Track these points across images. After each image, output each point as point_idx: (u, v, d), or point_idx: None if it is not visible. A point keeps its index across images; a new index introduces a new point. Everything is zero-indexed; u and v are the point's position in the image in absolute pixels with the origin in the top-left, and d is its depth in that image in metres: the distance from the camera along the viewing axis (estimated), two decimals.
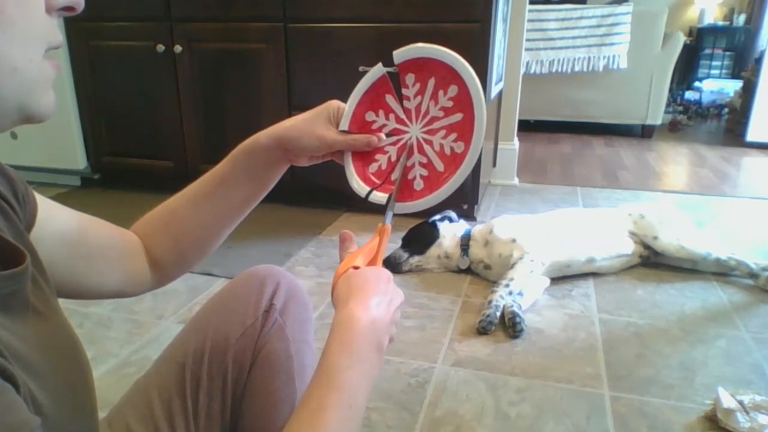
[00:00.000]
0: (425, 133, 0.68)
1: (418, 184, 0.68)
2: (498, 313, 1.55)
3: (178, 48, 2.41)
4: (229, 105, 2.45)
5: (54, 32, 0.42)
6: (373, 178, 0.69)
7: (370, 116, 0.70)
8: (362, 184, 0.69)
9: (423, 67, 0.67)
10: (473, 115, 0.64)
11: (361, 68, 0.71)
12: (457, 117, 0.65)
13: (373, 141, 0.68)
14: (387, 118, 0.70)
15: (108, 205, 2.56)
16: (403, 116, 0.69)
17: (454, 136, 0.66)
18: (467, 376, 1.33)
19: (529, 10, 2.82)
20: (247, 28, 2.32)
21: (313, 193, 2.46)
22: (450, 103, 0.66)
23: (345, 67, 2.23)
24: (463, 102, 0.65)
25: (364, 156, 0.70)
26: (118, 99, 2.62)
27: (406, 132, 0.69)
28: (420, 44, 0.67)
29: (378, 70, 0.70)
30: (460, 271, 1.89)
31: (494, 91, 2.37)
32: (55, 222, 0.59)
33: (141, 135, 2.64)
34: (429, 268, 1.89)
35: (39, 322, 0.44)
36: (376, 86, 0.71)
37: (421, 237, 1.91)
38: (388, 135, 0.69)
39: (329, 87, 2.28)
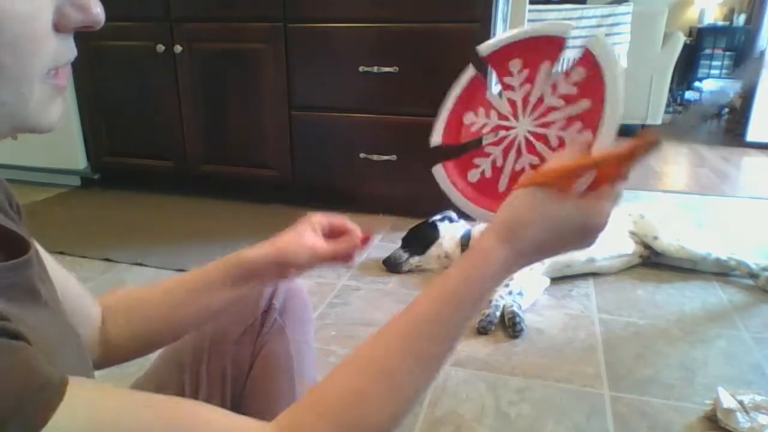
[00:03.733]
0: (538, 126, 0.55)
1: None
2: (498, 313, 1.54)
3: (178, 48, 2.41)
4: (229, 105, 2.45)
5: (62, 51, 0.39)
6: (490, 200, 0.57)
7: (469, 118, 0.60)
8: (488, 213, 0.56)
9: (534, 50, 0.56)
10: (605, 100, 0.50)
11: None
12: (584, 104, 0.53)
13: (352, 244, 0.69)
14: (487, 116, 0.59)
15: (108, 205, 2.56)
16: (506, 110, 0.57)
17: (578, 125, 0.53)
18: (467, 376, 1.33)
19: (529, 10, 2.82)
20: (247, 28, 2.32)
21: (313, 193, 2.46)
22: (575, 90, 0.53)
23: (345, 67, 2.23)
24: (594, 87, 0.52)
25: (460, 164, 0.60)
26: (118, 99, 2.62)
27: (511, 128, 0.57)
28: (518, 29, 0.57)
29: (468, 73, 0.61)
30: None
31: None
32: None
33: (141, 135, 2.64)
34: (429, 268, 1.89)
35: (42, 313, 0.44)
36: (472, 87, 0.61)
37: (421, 237, 1.91)
38: (490, 133, 0.58)
39: (329, 87, 2.28)
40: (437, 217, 1.97)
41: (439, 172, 0.60)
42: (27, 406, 0.31)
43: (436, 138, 0.60)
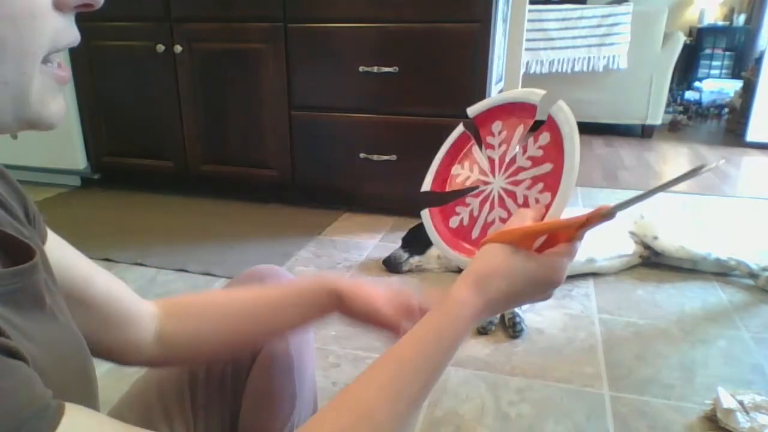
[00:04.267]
0: (508, 184, 0.61)
1: None
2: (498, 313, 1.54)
3: (178, 48, 2.41)
4: (229, 105, 2.45)
5: (62, 32, 0.39)
6: (465, 245, 0.64)
7: (456, 170, 0.68)
8: (464, 258, 0.63)
9: (512, 114, 0.63)
10: (562, 166, 0.56)
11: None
12: (546, 168, 0.58)
13: (399, 330, 0.65)
14: (471, 170, 0.66)
15: (108, 205, 2.56)
16: (486, 167, 0.64)
17: (540, 186, 0.58)
18: (467, 376, 1.33)
19: (529, 10, 2.82)
20: (247, 28, 2.32)
21: (313, 193, 2.46)
22: (540, 153, 0.59)
23: (345, 67, 2.23)
24: (555, 152, 0.57)
25: (444, 211, 0.67)
26: (118, 99, 2.62)
27: (488, 183, 0.63)
28: (500, 95, 0.64)
29: (458, 130, 0.68)
30: (460, 271, 1.88)
31: (494, 91, 2.37)
32: (63, 260, 0.55)
33: (141, 135, 2.64)
34: (429, 268, 1.89)
35: (46, 320, 0.44)
36: (460, 141, 0.68)
37: (421, 237, 1.91)
38: (470, 187, 0.65)
39: (329, 87, 2.28)
40: None
41: (425, 215, 0.67)
42: (24, 429, 0.31)
43: (426, 185, 0.68)
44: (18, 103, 0.38)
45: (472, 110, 0.66)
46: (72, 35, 0.40)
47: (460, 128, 0.68)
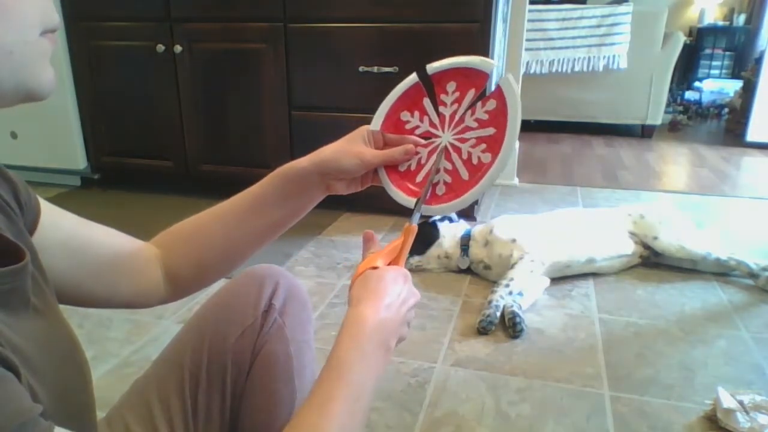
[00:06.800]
0: (456, 140, 0.69)
1: (440, 189, 0.69)
2: (498, 313, 1.54)
3: (178, 48, 2.41)
4: (229, 105, 2.45)
5: (50, 14, 0.43)
6: (410, 185, 0.70)
7: (405, 116, 0.73)
8: (405, 196, 0.70)
9: (466, 77, 0.69)
10: (505, 132, 0.65)
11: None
12: (490, 131, 0.66)
13: (409, 149, 0.69)
14: (421, 120, 0.71)
15: (108, 205, 2.56)
16: (436, 121, 0.70)
17: (483, 146, 0.67)
18: (467, 376, 1.33)
19: (529, 10, 2.82)
20: (247, 28, 2.32)
21: None
22: (486, 116, 0.67)
23: (345, 67, 2.23)
24: (499, 118, 0.66)
25: None
26: (118, 99, 2.62)
27: (437, 136, 0.70)
28: (458, 57, 0.70)
29: (412, 78, 0.72)
30: (460, 271, 1.89)
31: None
32: (60, 230, 0.58)
33: (141, 135, 2.64)
34: (429, 268, 1.89)
35: (38, 320, 0.44)
36: (413, 91, 0.72)
37: (421, 237, 1.89)
38: (419, 137, 0.71)
39: (329, 87, 2.28)
40: (437, 216, 1.97)
41: (382, 172, 0.72)
42: None
43: (376, 124, 0.73)
44: (19, 72, 0.40)
45: (431, 68, 0.71)
46: (56, 18, 0.44)
47: (413, 77, 0.72)
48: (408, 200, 0.69)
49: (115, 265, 0.64)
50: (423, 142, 0.70)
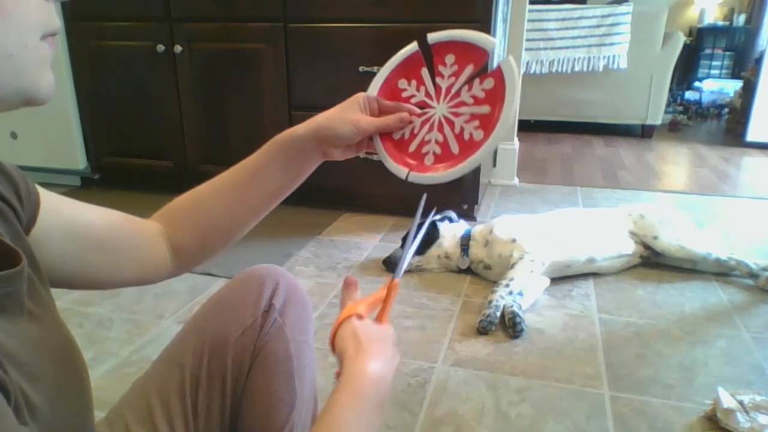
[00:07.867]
0: (450, 113, 0.69)
1: (429, 159, 0.69)
2: (498, 313, 1.54)
3: (178, 48, 2.41)
4: (229, 105, 2.45)
5: (50, 18, 0.42)
6: (404, 157, 0.70)
7: (402, 84, 0.73)
8: (398, 165, 0.69)
9: (466, 52, 0.69)
10: (501, 112, 0.65)
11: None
12: (485, 109, 0.66)
13: (404, 117, 0.69)
14: (417, 90, 0.71)
15: (108, 205, 2.54)
16: (432, 91, 0.70)
17: (476, 123, 0.67)
18: (467, 376, 1.33)
19: (529, 10, 2.82)
20: (247, 28, 2.32)
21: (313, 193, 2.46)
22: (482, 94, 0.67)
23: (345, 67, 2.23)
24: (496, 97, 0.66)
25: None
26: (118, 99, 2.62)
27: (432, 107, 0.70)
28: (460, 30, 0.69)
29: (412, 47, 0.72)
30: (460, 271, 1.89)
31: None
32: (62, 216, 0.58)
33: (141, 135, 2.64)
34: (429, 268, 1.89)
35: (34, 324, 0.44)
36: (412, 59, 0.72)
37: (421, 237, 1.91)
38: (414, 104, 0.71)
39: (329, 87, 2.28)
40: (437, 217, 1.97)
41: (377, 140, 0.72)
42: None
43: (373, 90, 0.73)
44: (18, 76, 0.40)
45: (432, 37, 0.71)
46: (57, 22, 0.43)
47: (414, 45, 0.72)
48: (400, 170, 0.69)
49: (121, 246, 0.64)
50: (417, 111, 0.70)
